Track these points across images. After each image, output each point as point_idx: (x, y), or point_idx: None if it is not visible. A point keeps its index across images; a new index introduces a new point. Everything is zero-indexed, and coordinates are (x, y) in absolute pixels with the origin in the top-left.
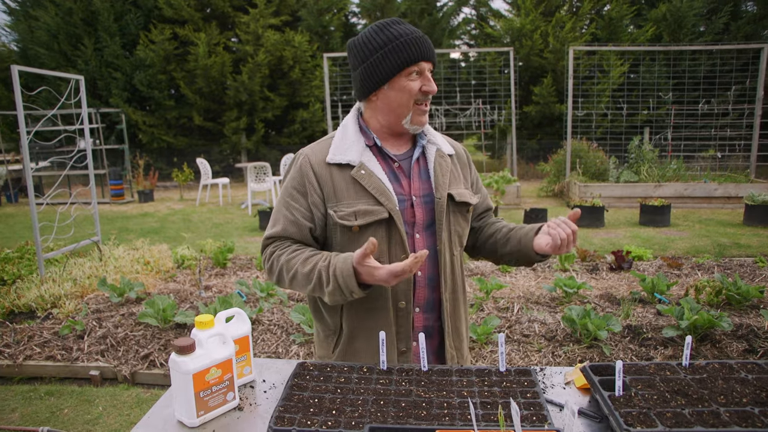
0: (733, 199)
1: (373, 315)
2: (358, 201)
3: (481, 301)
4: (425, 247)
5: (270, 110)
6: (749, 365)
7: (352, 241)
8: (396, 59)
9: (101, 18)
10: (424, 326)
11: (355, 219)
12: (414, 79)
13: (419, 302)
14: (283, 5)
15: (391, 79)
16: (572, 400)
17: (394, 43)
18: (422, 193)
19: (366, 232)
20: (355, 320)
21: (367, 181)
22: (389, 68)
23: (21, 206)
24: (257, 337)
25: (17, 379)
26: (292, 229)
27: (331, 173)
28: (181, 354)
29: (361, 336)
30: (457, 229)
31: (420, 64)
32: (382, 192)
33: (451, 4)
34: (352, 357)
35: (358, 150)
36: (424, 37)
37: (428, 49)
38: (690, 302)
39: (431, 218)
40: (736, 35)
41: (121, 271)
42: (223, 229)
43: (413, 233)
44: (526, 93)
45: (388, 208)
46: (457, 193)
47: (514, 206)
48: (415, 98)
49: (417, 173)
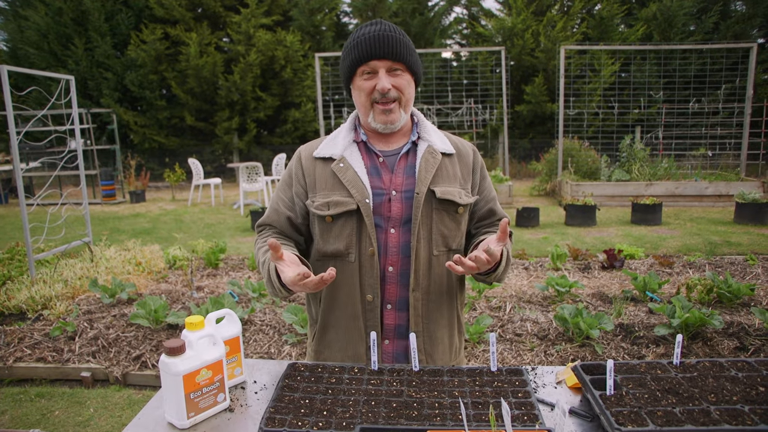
0: (723, 198)
1: (341, 306)
2: (332, 192)
3: (474, 301)
4: (399, 242)
5: (262, 110)
6: (739, 363)
7: (326, 231)
8: (350, 59)
9: (92, 18)
10: (397, 324)
11: (327, 209)
12: (367, 79)
13: (391, 299)
14: (275, 5)
15: (351, 79)
16: (563, 400)
17: (350, 45)
18: (404, 188)
19: (338, 222)
20: (327, 311)
21: (343, 174)
22: (347, 68)
23: (11, 207)
24: (249, 338)
25: (7, 381)
26: (273, 216)
27: (315, 166)
28: (171, 355)
29: (332, 327)
30: (441, 228)
31: (370, 63)
32: (355, 184)
33: (442, 4)
34: (325, 348)
35: (344, 145)
36: (380, 37)
37: (381, 48)
38: (681, 300)
39: (410, 214)
40: (725, 34)
41: (112, 272)
42: (215, 229)
43: (388, 228)
44: (518, 92)
45: (357, 200)
46: (441, 191)
47: (506, 205)
48: (372, 98)
49: (402, 169)
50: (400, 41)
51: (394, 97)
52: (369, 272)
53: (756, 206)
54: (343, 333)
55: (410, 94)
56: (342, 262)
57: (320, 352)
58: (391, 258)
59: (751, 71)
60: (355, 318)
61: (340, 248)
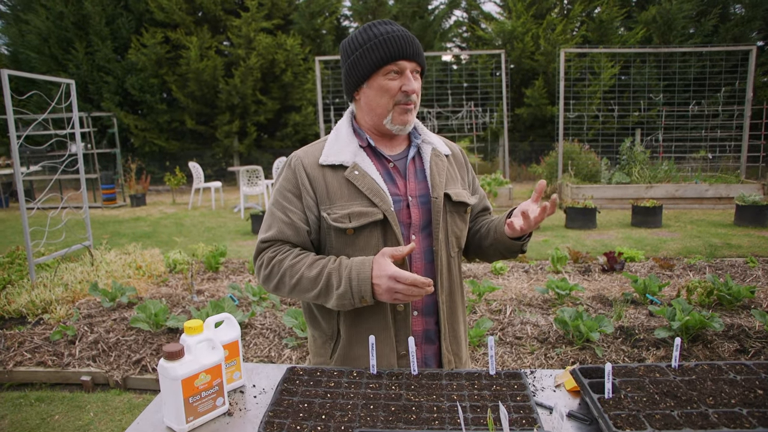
0: (724, 200)
1: (370, 319)
2: (352, 203)
3: (474, 304)
4: (421, 249)
5: (262, 113)
6: (738, 366)
7: (347, 245)
8: (373, 57)
9: (92, 22)
10: (424, 330)
11: (349, 221)
12: (393, 78)
13: (417, 305)
14: (275, 9)
15: (369, 78)
16: (562, 403)
17: (373, 42)
18: (418, 193)
19: (361, 234)
20: (352, 325)
21: (361, 182)
22: (367, 66)
23: (11, 211)
24: (250, 341)
25: (7, 385)
26: (289, 231)
27: (324, 175)
28: (169, 360)
29: (359, 341)
30: (455, 230)
31: (399, 63)
32: (377, 193)
33: (442, 7)
34: (352, 363)
35: (352, 151)
36: (407, 37)
37: (410, 49)
38: (682, 303)
39: (428, 219)
40: (724, 37)
41: (112, 275)
42: (215, 233)
43: (409, 234)
44: (518, 95)
45: (383, 209)
46: (454, 193)
47: (507, 208)
48: (396, 99)
49: (413, 173)
50: (419, 45)
51: (414, 100)
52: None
53: (756, 208)
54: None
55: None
56: None
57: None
58: (416, 264)
59: (750, 74)
60: (386, 329)
61: None
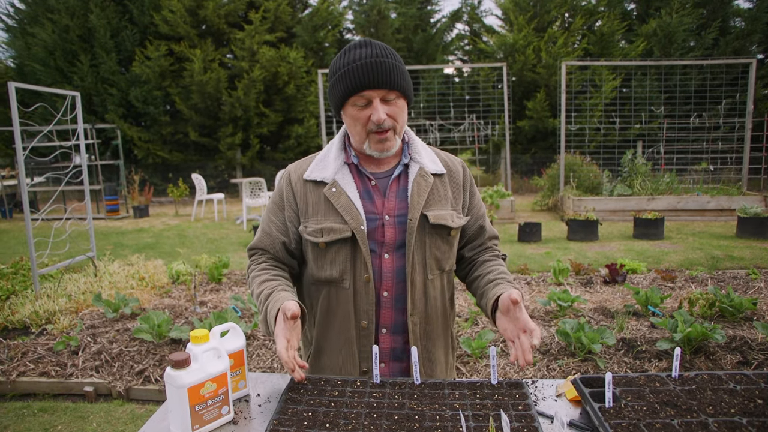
0: (725, 212)
1: (335, 332)
2: (326, 218)
3: (476, 315)
4: (393, 268)
5: (265, 126)
6: (737, 376)
7: (319, 257)
8: (342, 88)
9: (98, 35)
10: (392, 348)
11: (321, 236)
12: (361, 109)
13: (386, 323)
14: (278, 22)
15: (342, 107)
16: (563, 412)
17: (342, 71)
18: (397, 212)
19: (331, 249)
20: (321, 336)
21: (337, 199)
22: (338, 96)
23: (16, 222)
24: (252, 353)
25: (10, 395)
26: (266, 241)
27: (306, 189)
28: (176, 368)
29: (326, 352)
30: (435, 252)
31: (364, 93)
32: (349, 210)
33: (444, 20)
34: (318, 372)
35: (335, 167)
36: (372, 65)
37: (374, 77)
38: (683, 315)
39: (403, 239)
40: (725, 50)
41: (116, 286)
42: (218, 244)
43: (382, 253)
44: (520, 108)
45: (352, 227)
46: (434, 215)
47: (509, 220)
48: (368, 128)
49: (395, 192)
50: (393, 67)
51: (389, 127)
52: (364, 298)
53: (758, 220)
54: (336, 358)
55: (404, 119)
56: (336, 288)
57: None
58: (386, 283)
59: (751, 86)
60: (350, 344)
61: (334, 275)
